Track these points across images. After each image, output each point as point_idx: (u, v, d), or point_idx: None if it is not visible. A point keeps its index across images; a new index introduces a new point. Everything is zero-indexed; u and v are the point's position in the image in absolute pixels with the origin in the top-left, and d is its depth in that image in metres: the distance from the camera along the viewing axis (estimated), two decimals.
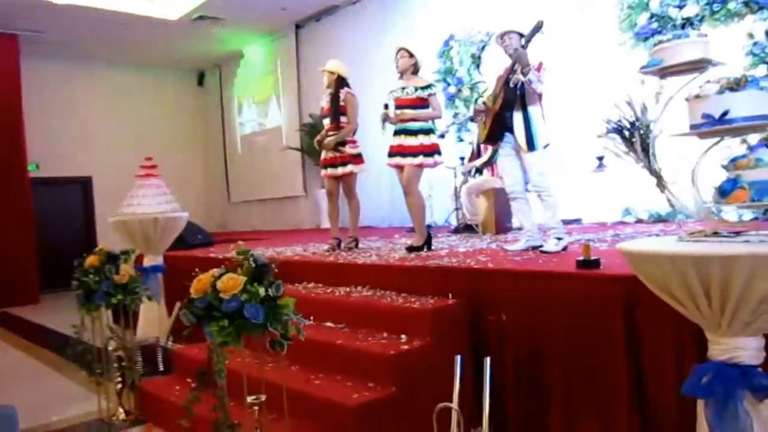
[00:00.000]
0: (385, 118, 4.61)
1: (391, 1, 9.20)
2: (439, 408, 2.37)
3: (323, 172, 5.39)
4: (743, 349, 1.93)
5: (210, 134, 13.47)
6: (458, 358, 2.68)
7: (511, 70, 3.88)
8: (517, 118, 3.93)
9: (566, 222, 4.23)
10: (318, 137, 5.33)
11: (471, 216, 6.03)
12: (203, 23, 10.33)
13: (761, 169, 1.85)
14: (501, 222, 5.89)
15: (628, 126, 2.25)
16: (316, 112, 10.10)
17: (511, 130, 3.97)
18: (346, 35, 9.96)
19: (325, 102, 5.36)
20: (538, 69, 3.83)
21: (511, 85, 3.88)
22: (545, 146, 3.97)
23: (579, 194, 6.35)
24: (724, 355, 1.96)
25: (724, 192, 1.91)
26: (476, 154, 6.40)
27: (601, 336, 2.75)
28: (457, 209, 6.30)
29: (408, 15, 8.85)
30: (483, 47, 7.48)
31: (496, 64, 4.32)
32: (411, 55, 4.58)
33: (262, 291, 2.48)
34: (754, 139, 3.02)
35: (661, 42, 2.12)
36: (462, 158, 6.89)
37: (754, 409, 1.93)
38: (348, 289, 3.99)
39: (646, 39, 6.01)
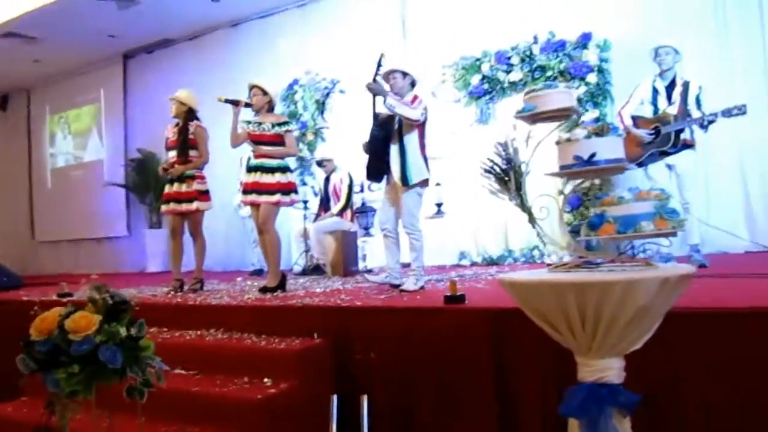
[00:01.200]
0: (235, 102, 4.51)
1: (233, 40, 9.08)
2: None
3: (165, 207, 5.02)
4: (610, 369, 2.11)
5: (12, 165, 11.88)
6: (334, 398, 2.60)
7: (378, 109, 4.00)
8: (394, 150, 4.00)
9: (405, 265, 4.39)
10: (164, 166, 4.99)
11: (319, 256, 5.99)
12: (13, 41, 9.24)
13: (624, 205, 2.09)
14: (348, 264, 5.93)
15: (503, 167, 2.41)
16: (145, 146, 9.50)
17: (389, 166, 4.03)
18: (181, 69, 9.56)
19: (171, 133, 5.05)
20: (413, 101, 3.98)
21: (380, 120, 3.99)
22: (423, 182, 4.08)
23: None
24: (593, 375, 2.13)
25: (593, 226, 2.11)
26: (324, 201, 6.42)
27: (470, 367, 2.85)
28: (306, 251, 6.22)
29: (251, 55, 8.78)
30: (328, 93, 7.64)
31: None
32: (265, 93, 4.51)
33: (122, 331, 2.19)
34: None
35: (533, 90, 2.33)
36: (305, 201, 6.86)
37: (620, 425, 2.11)
38: (199, 333, 3.68)
39: (478, 98, 6.62)
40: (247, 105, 4.49)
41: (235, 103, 4.47)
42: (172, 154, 4.95)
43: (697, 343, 2.44)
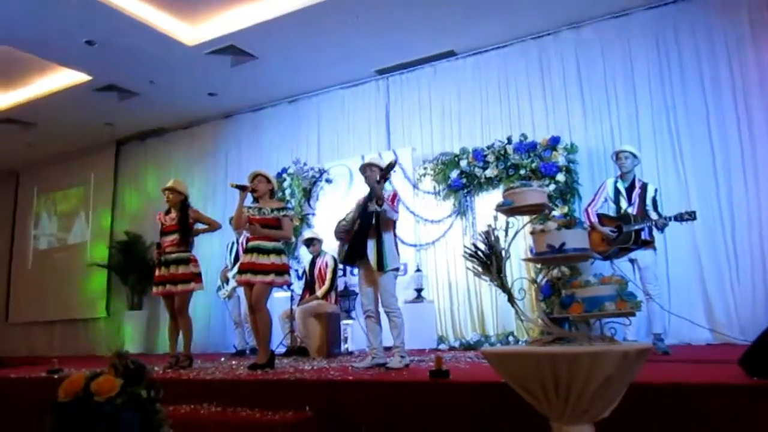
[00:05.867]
0: (243, 188, 4.83)
1: (225, 130, 9.57)
2: None
3: (157, 289, 5.27)
4: None
5: None
6: None
7: (368, 199, 4.38)
8: (371, 242, 4.37)
9: (387, 348, 4.62)
10: (159, 250, 5.29)
11: (303, 338, 6.16)
12: (11, 126, 9.59)
13: (590, 288, 2.44)
14: (331, 346, 6.11)
15: (486, 251, 2.76)
16: (131, 229, 9.75)
17: (365, 254, 4.37)
18: (172, 157, 10.00)
19: (167, 219, 5.37)
20: (393, 198, 4.39)
21: (369, 211, 4.36)
22: (395, 269, 4.42)
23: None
24: None
25: (564, 305, 2.45)
26: (309, 284, 6.67)
27: None
28: (292, 332, 6.40)
29: (241, 144, 9.29)
30: (315, 182, 8.08)
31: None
32: (269, 181, 4.92)
33: (144, 393, 2.39)
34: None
35: (511, 188, 2.73)
36: (290, 284, 7.09)
37: None
38: (193, 406, 3.81)
39: (456, 190, 7.11)
40: (253, 191, 4.84)
41: (243, 189, 4.82)
42: (171, 237, 5.25)
43: (656, 415, 2.72)
